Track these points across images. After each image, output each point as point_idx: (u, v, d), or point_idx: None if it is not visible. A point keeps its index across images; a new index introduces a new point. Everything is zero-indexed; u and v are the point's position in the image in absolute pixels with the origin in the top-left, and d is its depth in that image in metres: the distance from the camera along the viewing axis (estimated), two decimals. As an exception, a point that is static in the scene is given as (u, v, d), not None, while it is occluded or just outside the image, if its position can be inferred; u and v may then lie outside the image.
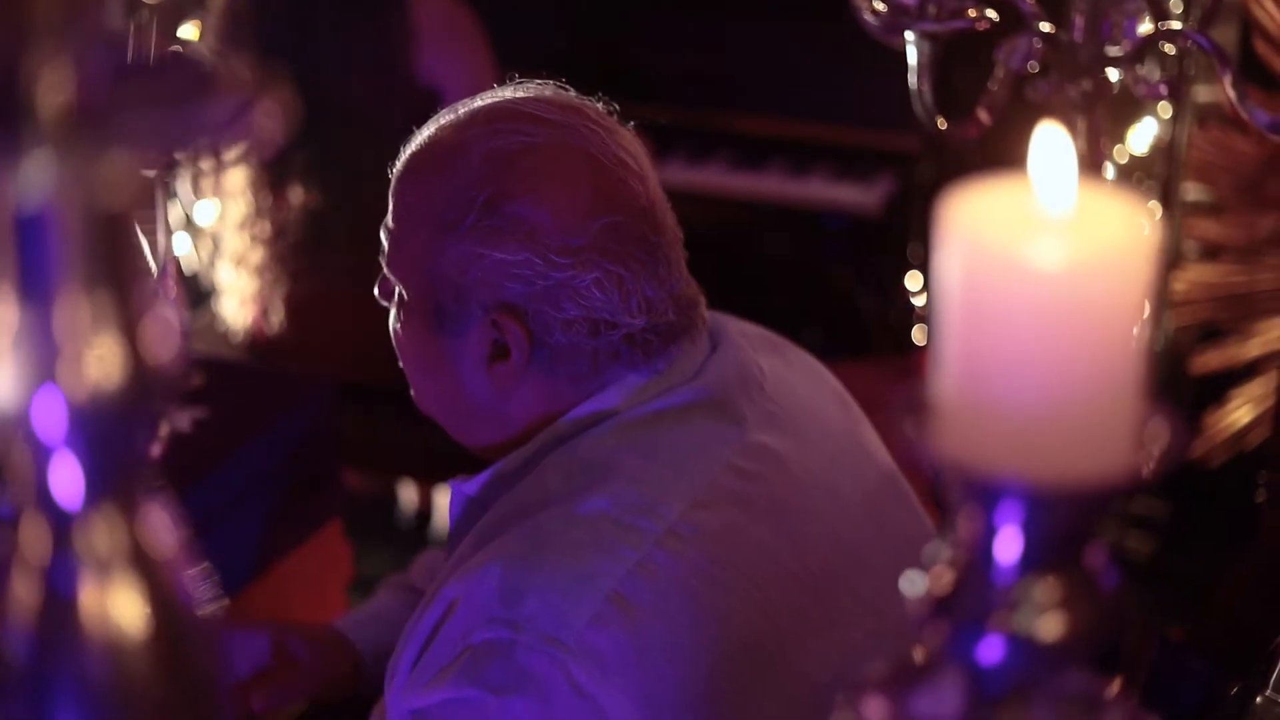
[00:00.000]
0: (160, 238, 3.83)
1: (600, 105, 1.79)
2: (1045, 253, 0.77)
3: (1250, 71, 3.85)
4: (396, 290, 1.75)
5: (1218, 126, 3.79)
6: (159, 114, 0.75)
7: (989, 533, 0.82)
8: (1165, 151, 3.92)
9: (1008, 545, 0.82)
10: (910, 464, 1.88)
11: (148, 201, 3.90)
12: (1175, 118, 3.87)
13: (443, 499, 3.55)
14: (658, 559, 1.60)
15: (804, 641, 1.68)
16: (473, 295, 1.68)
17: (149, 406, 0.80)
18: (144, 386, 0.79)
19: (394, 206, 1.74)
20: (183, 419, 2.47)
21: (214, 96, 0.76)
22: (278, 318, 3.13)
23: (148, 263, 3.92)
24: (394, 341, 1.78)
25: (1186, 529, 4.00)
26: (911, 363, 3.27)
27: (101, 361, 0.78)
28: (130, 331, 0.79)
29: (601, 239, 1.66)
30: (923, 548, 0.90)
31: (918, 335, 3.49)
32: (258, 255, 3.10)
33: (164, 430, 1.13)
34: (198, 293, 3.79)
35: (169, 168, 1.98)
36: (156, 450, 1.00)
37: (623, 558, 1.59)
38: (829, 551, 1.73)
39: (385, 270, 1.76)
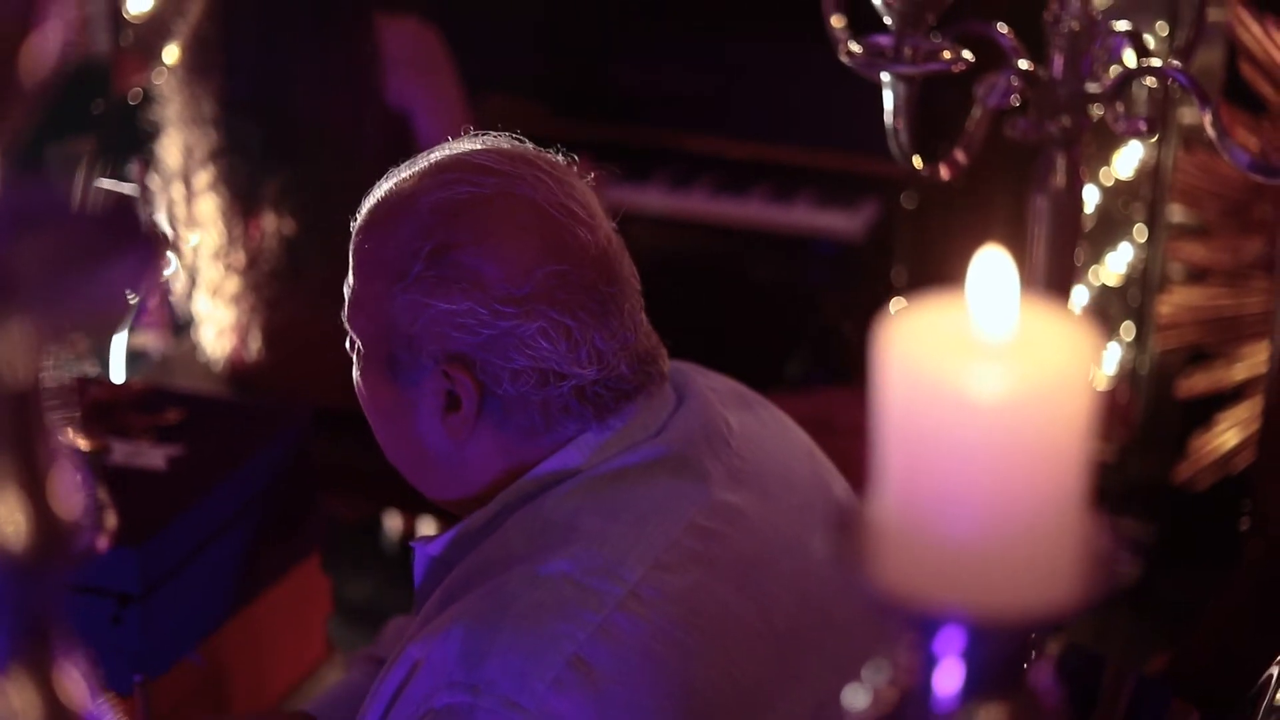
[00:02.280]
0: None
1: (560, 157, 1.76)
2: (984, 381, 0.72)
3: (1236, 95, 3.81)
4: (356, 342, 1.73)
5: (1203, 150, 3.75)
6: (61, 281, 0.70)
7: (930, 662, 0.78)
8: (1151, 175, 3.88)
9: (949, 675, 0.78)
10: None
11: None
12: (1160, 141, 3.84)
13: (427, 526, 3.51)
14: (619, 622, 1.56)
15: (770, 702, 1.64)
16: (423, 345, 1.65)
17: (57, 566, 0.76)
18: (51, 547, 0.75)
19: (351, 260, 1.72)
20: (157, 457, 2.44)
21: (116, 255, 0.71)
22: (257, 346, 3.09)
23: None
24: (357, 392, 1.76)
25: (1173, 552, 3.96)
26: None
27: (6, 523, 0.74)
28: (36, 491, 0.75)
29: (547, 288, 1.63)
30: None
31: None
32: (233, 285, 3.06)
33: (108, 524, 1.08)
34: (177, 322, 3.75)
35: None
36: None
37: (584, 621, 1.55)
38: (794, 609, 1.69)
39: (345, 323, 1.74)
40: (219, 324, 3.13)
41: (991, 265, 0.77)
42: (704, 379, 1.82)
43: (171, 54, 4.17)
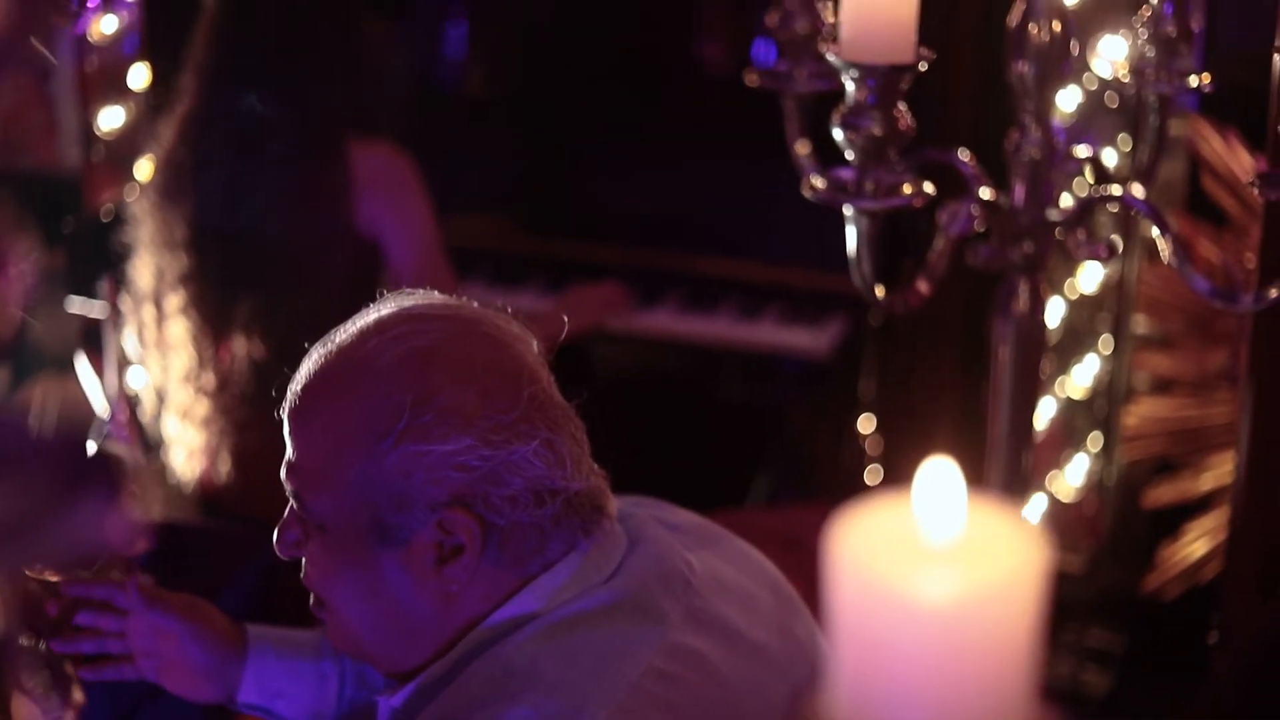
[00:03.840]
0: (110, 380, 3.77)
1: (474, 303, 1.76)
2: (930, 585, 0.70)
3: (1199, 208, 3.82)
4: (309, 531, 1.68)
5: (1167, 263, 3.75)
6: (23, 533, 0.68)
7: None
8: (1116, 288, 3.89)
9: None
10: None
11: (97, 345, 3.85)
12: (1124, 255, 3.84)
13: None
14: (583, 768, 1.53)
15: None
16: (419, 498, 1.61)
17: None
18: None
19: (300, 444, 1.68)
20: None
21: (78, 501, 0.68)
22: (226, 469, 3.05)
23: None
24: (310, 584, 1.70)
25: (1142, 662, 3.93)
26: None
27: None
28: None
29: (528, 409, 1.63)
30: None
31: (870, 476, 3.43)
32: (203, 408, 3.03)
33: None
34: (147, 442, 3.72)
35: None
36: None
37: None
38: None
39: (298, 512, 1.69)
40: (189, 446, 3.09)
41: (938, 471, 0.74)
42: (660, 515, 1.80)
43: (143, 170, 4.17)
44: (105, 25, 4.43)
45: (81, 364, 4.10)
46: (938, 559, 0.71)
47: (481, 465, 1.60)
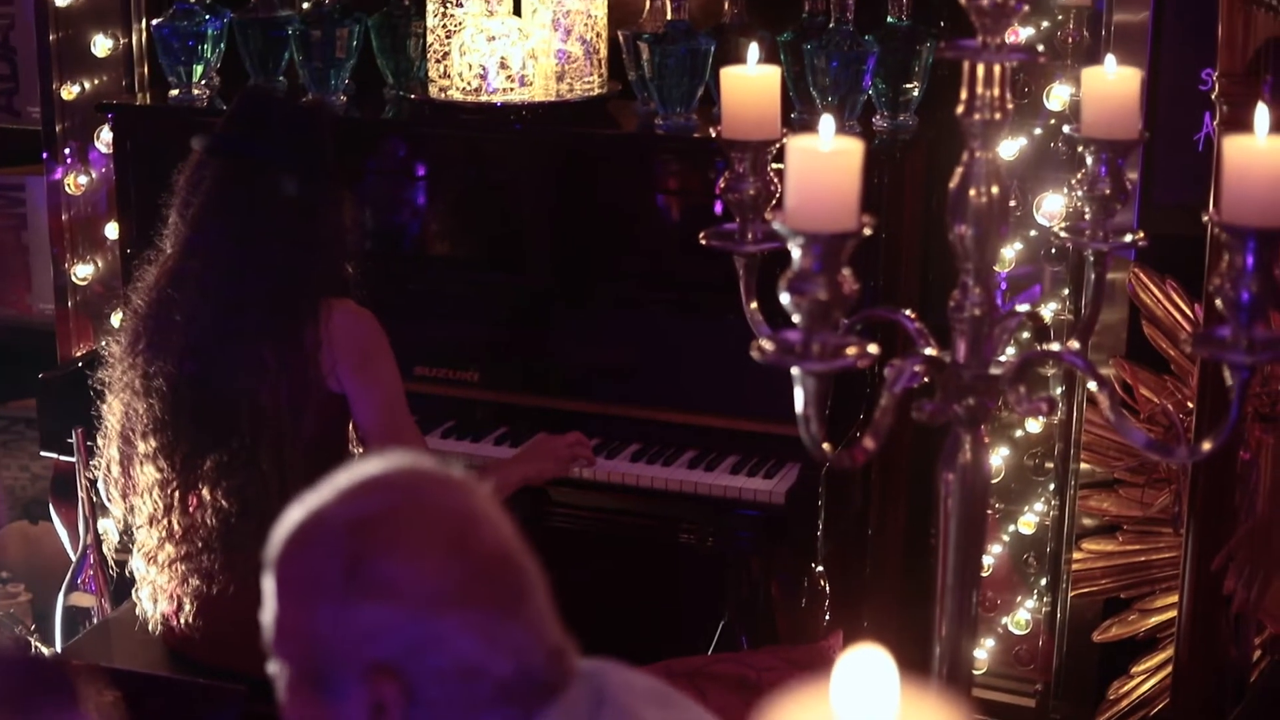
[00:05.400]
0: (81, 528, 3.77)
1: (460, 468, 1.78)
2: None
3: (1140, 354, 3.87)
4: (283, 667, 1.71)
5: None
6: None
7: None
8: (1062, 428, 3.92)
9: None
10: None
11: (69, 493, 3.85)
12: (1068, 398, 3.88)
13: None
14: None
15: None
16: (347, 658, 1.64)
17: None
18: None
19: (272, 588, 1.72)
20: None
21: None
22: (191, 611, 3.05)
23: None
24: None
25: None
26: (817, 651, 3.22)
27: None
28: None
29: (462, 588, 1.64)
30: None
31: (825, 623, 3.44)
32: (168, 553, 3.03)
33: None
34: (112, 585, 3.71)
35: None
36: None
37: None
38: None
39: (272, 653, 1.73)
40: (153, 587, 3.09)
41: (866, 662, 0.77)
42: (622, 678, 1.80)
43: (117, 319, 4.19)
44: (80, 179, 4.48)
45: (52, 512, 4.10)
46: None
47: (406, 637, 1.63)
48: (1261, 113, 1.84)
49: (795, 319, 2.00)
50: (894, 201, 3.68)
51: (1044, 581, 4.00)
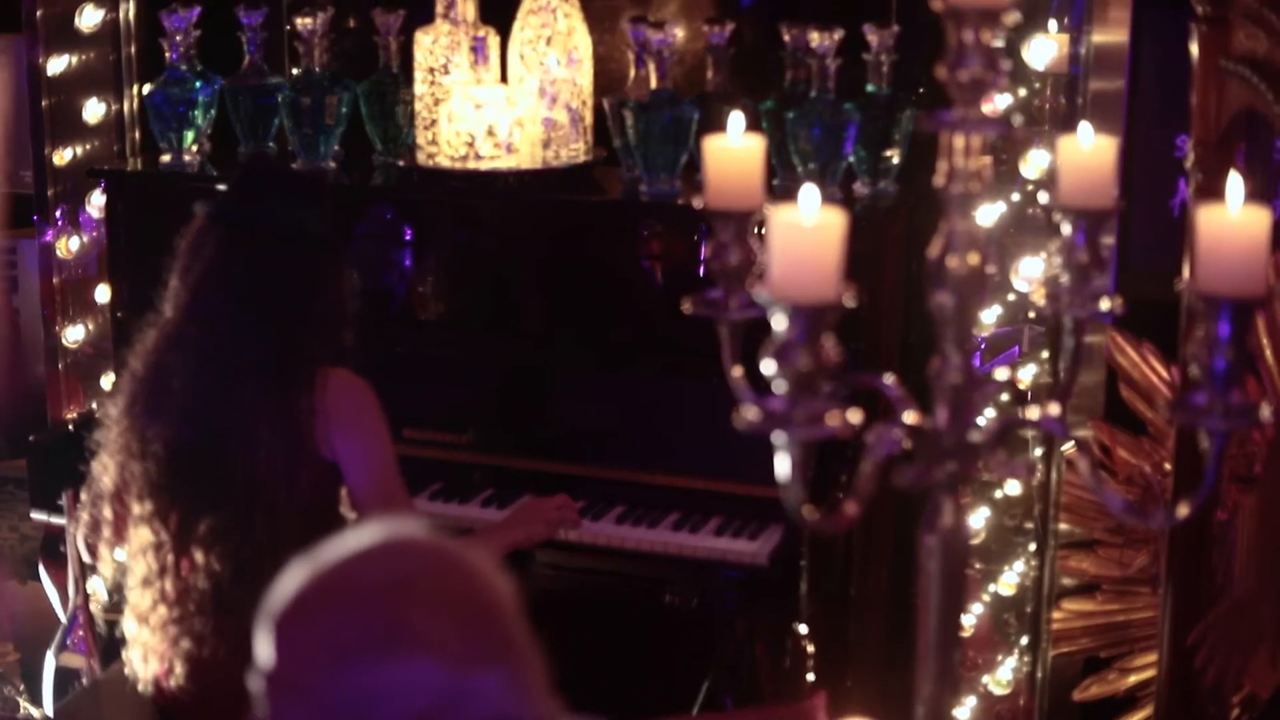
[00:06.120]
0: (70, 589, 3.77)
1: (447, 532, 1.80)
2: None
3: (1117, 416, 3.89)
4: None
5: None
6: None
7: None
8: (1041, 490, 3.93)
9: None
10: None
11: (59, 554, 3.85)
12: (1047, 459, 3.90)
13: None
14: None
15: None
16: (383, 713, 1.64)
17: None
18: None
19: (276, 652, 1.70)
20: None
21: None
22: (182, 673, 3.04)
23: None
24: None
25: None
26: (802, 711, 3.22)
27: None
28: None
29: (498, 641, 1.66)
30: None
31: (809, 683, 3.45)
32: (160, 614, 3.03)
33: None
34: (101, 645, 3.71)
35: None
36: None
37: None
38: None
39: (270, 712, 1.71)
40: (144, 647, 3.09)
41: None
42: None
43: (109, 381, 4.19)
44: (71, 243, 4.49)
45: (41, 572, 4.10)
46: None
47: (446, 692, 1.63)
48: (1234, 182, 1.86)
49: (778, 388, 2.01)
50: (875, 266, 3.71)
51: (1024, 641, 4.01)
